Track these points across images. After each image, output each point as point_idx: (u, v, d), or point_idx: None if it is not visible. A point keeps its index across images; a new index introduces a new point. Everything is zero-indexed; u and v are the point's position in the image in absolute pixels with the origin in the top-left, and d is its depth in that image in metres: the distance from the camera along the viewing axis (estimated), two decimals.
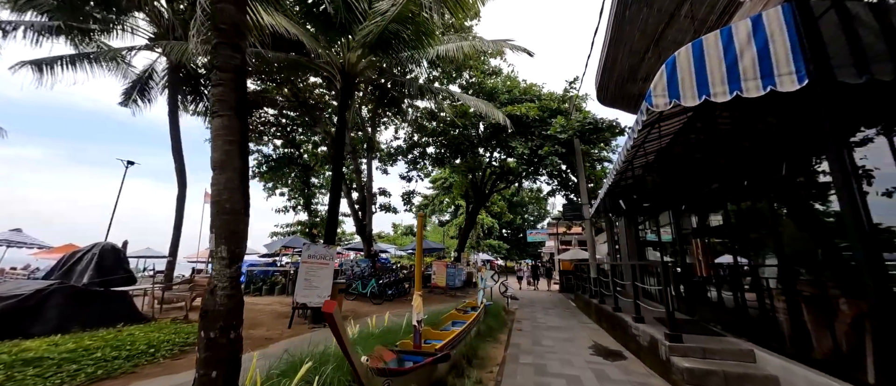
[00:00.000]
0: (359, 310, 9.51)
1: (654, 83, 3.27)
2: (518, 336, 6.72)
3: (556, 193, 16.85)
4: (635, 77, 10.88)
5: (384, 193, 18.77)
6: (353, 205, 15.83)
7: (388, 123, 19.24)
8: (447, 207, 30.75)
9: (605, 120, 12.00)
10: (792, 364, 3.37)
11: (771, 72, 2.88)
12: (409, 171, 19.52)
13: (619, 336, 6.14)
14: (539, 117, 12.31)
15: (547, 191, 16.86)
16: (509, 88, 14.35)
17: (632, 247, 10.15)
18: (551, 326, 7.79)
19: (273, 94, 16.46)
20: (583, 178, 10.79)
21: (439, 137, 16.25)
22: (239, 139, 2.98)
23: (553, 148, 10.93)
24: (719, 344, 4.17)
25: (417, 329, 3.57)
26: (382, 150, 19.80)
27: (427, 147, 18.55)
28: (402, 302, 11.39)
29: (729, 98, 2.97)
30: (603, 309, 7.48)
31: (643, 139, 5.42)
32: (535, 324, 8.17)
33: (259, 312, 8.62)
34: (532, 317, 9.21)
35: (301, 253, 7.88)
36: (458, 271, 15.25)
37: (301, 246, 16.82)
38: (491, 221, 31.33)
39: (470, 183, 18.71)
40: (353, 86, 8.57)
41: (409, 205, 19.86)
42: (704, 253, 5.35)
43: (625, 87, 11.81)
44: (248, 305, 10.03)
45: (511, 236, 41.23)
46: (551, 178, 16.09)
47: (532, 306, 11.37)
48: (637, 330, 5.23)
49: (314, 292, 7.21)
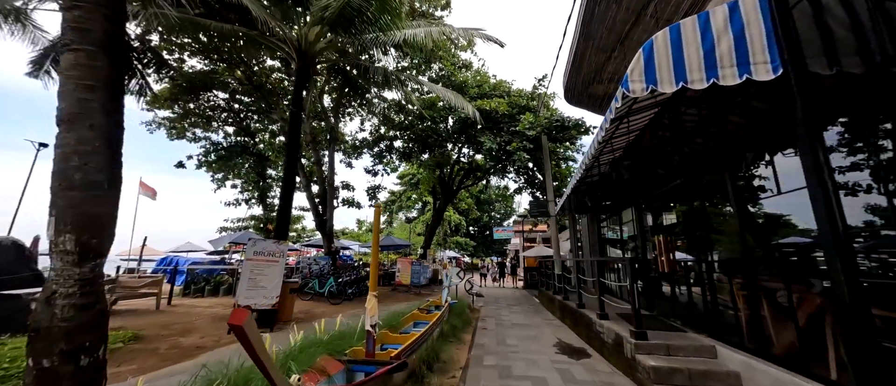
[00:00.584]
0: (314, 311, 8.81)
1: (631, 68, 3.07)
2: (483, 335, 6.46)
3: (523, 191, 17.00)
4: (601, 77, 11.06)
5: (347, 186, 17.90)
6: (314, 199, 14.87)
7: (353, 114, 18.38)
8: (414, 203, 30.22)
9: (572, 119, 12.16)
10: (753, 360, 3.35)
11: (747, 60, 2.77)
12: (375, 165, 18.78)
13: (583, 333, 6.09)
14: (508, 113, 12.20)
15: (514, 189, 16.90)
16: (479, 83, 14.15)
17: (594, 243, 10.33)
18: (516, 324, 7.65)
19: (223, 76, 15.03)
20: (549, 176, 10.83)
21: (407, 131, 15.71)
22: (105, 86, 2.19)
23: (521, 144, 10.86)
24: (682, 340, 4.14)
25: (371, 335, 3.14)
26: (347, 142, 18.85)
27: (394, 141, 17.92)
28: (364, 302, 10.80)
29: (706, 85, 2.83)
30: (567, 305, 7.45)
31: (613, 131, 5.34)
32: (499, 321, 8.00)
33: (197, 317, 7.68)
34: (497, 314, 9.05)
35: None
36: (423, 269, 14.85)
37: (270, 243, 15.61)
38: (458, 218, 31.23)
39: (437, 179, 18.36)
40: (310, 66, 7.83)
41: (374, 200, 19.10)
42: (666, 249, 5.39)
43: (591, 87, 12.00)
44: (186, 308, 8.95)
45: (478, 234, 41.53)
46: (518, 176, 16.15)
47: (497, 303, 11.27)
48: (601, 327, 5.15)
49: (260, 293, 6.47)
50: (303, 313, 8.44)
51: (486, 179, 18.12)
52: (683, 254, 5.30)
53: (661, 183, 5.81)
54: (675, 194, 5.45)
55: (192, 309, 8.39)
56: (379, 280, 16.63)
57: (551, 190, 10.84)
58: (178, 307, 8.86)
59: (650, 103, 4.80)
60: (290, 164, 7.54)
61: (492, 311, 9.64)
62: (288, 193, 7.47)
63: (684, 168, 4.96)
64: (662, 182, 5.71)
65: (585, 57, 10.07)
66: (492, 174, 15.61)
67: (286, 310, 7.35)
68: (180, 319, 7.27)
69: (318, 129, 14.77)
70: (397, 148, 18.42)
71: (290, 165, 7.51)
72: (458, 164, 17.43)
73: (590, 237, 10.76)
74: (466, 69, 14.93)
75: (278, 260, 6.94)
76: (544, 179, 13.46)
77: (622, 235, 7.82)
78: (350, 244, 22.58)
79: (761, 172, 3.71)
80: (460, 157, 17.29)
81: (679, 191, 5.28)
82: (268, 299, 6.57)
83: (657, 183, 5.96)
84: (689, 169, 4.89)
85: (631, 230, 7.31)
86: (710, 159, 4.51)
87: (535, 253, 16.90)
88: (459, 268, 9.89)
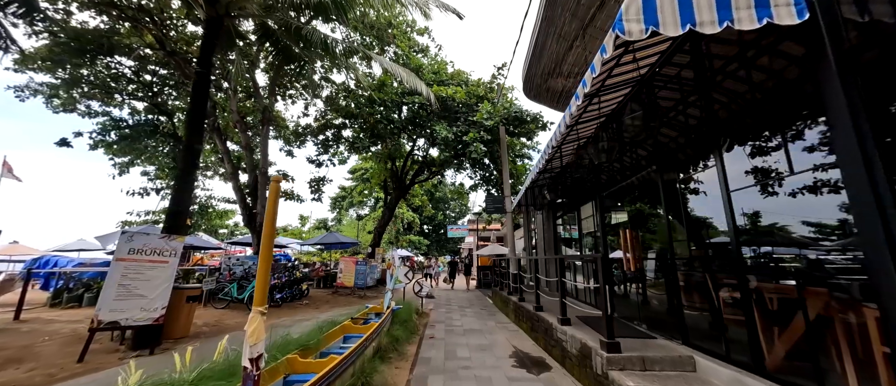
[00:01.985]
0: (225, 322, 7.22)
1: (627, 5, 2.33)
2: (430, 347, 5.54)
3: (479, 188, 16.45)
4: (561, 69, 10.73)
5: (285, 177, 15.90)
6: (242, 189, 12.84)
7: (295, 97, 16.43)
8: (365, 198, 28.49)
9: (530, 112, 11.76)
10: (744, 375, 2.82)
11: (767, 1, 2.16)
12: (320, 155, 16.99)
13: (542, 340, 5.44)
14: (465, 102, 11.46)
15: (469, 185, 16.26)
16: (436, 70, 13.25)
17: (549, 241, 9.95)
18: (468, 330, 6.84)
19: (129, 40, 12.41)
20: (506, 169, 10.28)
21: (357, 119, 14.27)
22: None
23: (478, 134, 10.16)
24: (656, 350, 3.57)
25: (248, 374, 2.03)
26: (287, 127, 16.81)
27: (343, 129, 16.31)
28: (295, 308, 9.31)
29: (718, 29, 2.17)
30: (523, 308, 6.82)
31: (586, 106, 4.70)
32: (449, 327, 7.15)
33: (53, 333, 5.77)
34: (447, 319, 8.20)
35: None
36: (370, 269, 13.57)
37: (156, 238, 13.05)
38: (411, 216, 30.09)
39: (389, 172, 17.12)
40: (224, 19, 6.25)
41: (318, 193, 17.24)
42: (632, 245, 4.90)
43: (550, 80, 11.68)
44: (42, 322, 6.77)
45: (432, 232, 40.76)
46: (474, 171, 15.55)
47: (448, 306, 10.45)
48: (563, 334, 4.50)
49: (136, 304, 4.87)
50: (209, 326, 6.84)
51: (440, 174, 17.28)
52: (651, 251, 4.85)
53: (630, 171, 5.35)
54: (645, 185, 4.99)
55: (47, 325, 6.34)
56: (320, 282, 14.97)
57: (508, 184, 10.30)
58: (33, 321, 6.71)
59: (627, 78, 4.23)
60: (193, 136, 5.93)
61: (442, 315, 8.78)
62: (187, 176, 5.86)
63: (659, 154, 4.47)
64: (632, 170, 5.24)
65: (546, 45, 9.61)
66: (447, 168, 14.81)
67: (180, 324, 5.76)
68: (20, 339, 5.33)
69: (246, 108, 12.77)
70: (346, 137, 16.84)
71: (191, 139, 5.91)
72: (411, 157, 16.37)
73: (545, 234, 10.39)
74: (423, 53, 13.94)
75: (168, 261, 5.36)
76: (501, 174, 12.98)
77: (580, 232, 7.40)
78: (288, 241, 20.34)
79: (759, 151, 3.23)
80: (414, 150, 16.25)
81: (649, 181, 4.81)
82: (148, 312, 4.99)
83: (625, 172, 5.50)
84: (664, 155, 4.40)
85: (591, 226, 6.88)
86: (691, 141, 4.03)
87: (490, 252, 16.45)
88: (409, 268, 8.86)
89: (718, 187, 3.36)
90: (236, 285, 8.75)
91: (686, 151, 4.07)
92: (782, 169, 2.83)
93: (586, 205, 7.07)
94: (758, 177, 3.07)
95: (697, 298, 3.79)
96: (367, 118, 14.11)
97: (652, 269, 4.69)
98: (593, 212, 6.56)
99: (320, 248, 22.68)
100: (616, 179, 5.79)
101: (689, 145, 4.05)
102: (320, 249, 23.27)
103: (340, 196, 41.31)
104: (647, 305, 4.78)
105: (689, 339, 3.71)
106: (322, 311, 9.28)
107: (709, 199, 3.61)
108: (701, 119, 3.80)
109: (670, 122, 4.38)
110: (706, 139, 3.61)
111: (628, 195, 5.49)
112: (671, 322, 4.08)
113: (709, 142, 3.56)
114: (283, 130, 16.89)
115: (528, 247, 14.43)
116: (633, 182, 5.15)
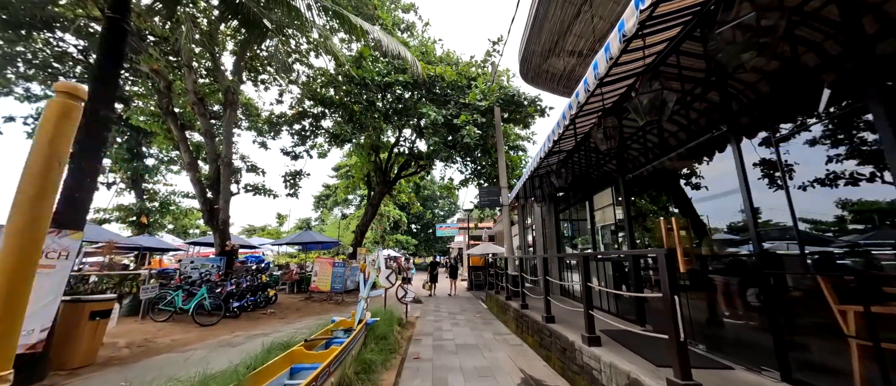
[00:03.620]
0: (156, 341, 5.76)
1: None
2: (413, 374, 4.27)
3: (470, 183, 15.22)
4: (564, 45, 9.58)
5: (254, 168, 14.36)
6: (201, 182, 11.27)
7: (268, 82, 14.90)
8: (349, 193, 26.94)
9: (527, 95, 10.61)
10: None
11: None
12: (296, 147, 15.49)
13: (557, 362, 4.24)
14: (456, 83, 10.22)
15: (459, 181, 15.03)
16: (424, 51, 11.98)
17: (552, 237, 8.80)
18: (462, 346, 5.59)
19: (73, 14, 10.77)
20: (502, 156, 9.09)
21: (337, 108, 12.83)
22: None
23: (471, 117, 8.93)
24: None
25: None
26: (259, 115, 15.25)
27: (321, 118, 14.84)
28: (255, 319, 7.89)
29: None
30: (527, 317, 5.61)
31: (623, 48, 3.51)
32: (439, 341, 5.88)
33: None
34: (436, 330, 6.94)
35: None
36: (351, 271, 12.18)
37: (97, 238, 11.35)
38: (398, 214, 28.66)
39: (373, 165, 15.74)
40: None
41: (294, 189, 15.70)
42: (681, 240, 3.73)
43: (550, 59, 10.53)
44: None
45: (420, 231, 39.46)
46: (465, 162, 14.33)
47: (438, 312, 9.18)
48: (594, 360, 3.30)
49: None
50: (134, 347, 5.39)
51: (428, 167, 15.99)
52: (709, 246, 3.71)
53: (679, 140, 4.19)
54: (702, 153, 3.84)
55: None
56: (294, 286, 13.45)
57: (504, 173, 9.10)
58: None
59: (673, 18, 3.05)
60: (99, 102, 4.48)
61: (430, 324, 7.51)
62: (90, 153, 4.41)
63: (731, 106, 3.31)
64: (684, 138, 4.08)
65: (549, 15, 8.44)
66: (436, 159, 13.52)
67: (79, 349, 4.32)
68: None
69: (205, 88, 11.22)
70: (325, 128, 15.38)
71: (97, 105, 4.45)
72: (396, 147, 15.03)
73: (546, 230, 9.24)
74: (409, 33, 12.63)
75: (55, 265, 3.93)
76: (494, 165, 11.78)
77: (593, 226, 6.24)
78: (263, 242, 18.66)
79: None
80: (400, 140, 14.91)
81: (707, 148, 3.65)
82: (29, 332, 3.55)
83: (670, 142, 4.35)
84: (743, 108, 3.25)
85: (608, 218, 5.72)
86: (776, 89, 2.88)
87: (481, 251, 15.27)
88: (391, 270, 7.53)
89: None
90: (182, 293, 7.26)
91: (784, 102, 2.92)
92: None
93: (602, 193, 5.92)
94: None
95: (802, 312, 2.63)
96: (347, 106, 12.72)
97: (719, 269, 3.53)
98: (614, 200, 5.40)
99: (299, 248, 21.07)
100: (650, 156, 4.63)
101: (789, 93, 2.90)
102: (299, 249, 21.65)
103: (324, 195, 39.54)
104: (708, 318, 3.61)
105: (790, 373, 2.55)
106: (289, 320, 7.89)
107: (820, 168, 2.45)
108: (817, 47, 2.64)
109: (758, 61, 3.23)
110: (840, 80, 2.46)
111: (667, 176, 4.34)
112: (751, 344, 2.93)
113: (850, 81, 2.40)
114: (255, 120, 15.33)
115: (524, 245, 13.28)
116: (681, 154, 3.99)
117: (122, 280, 8.00)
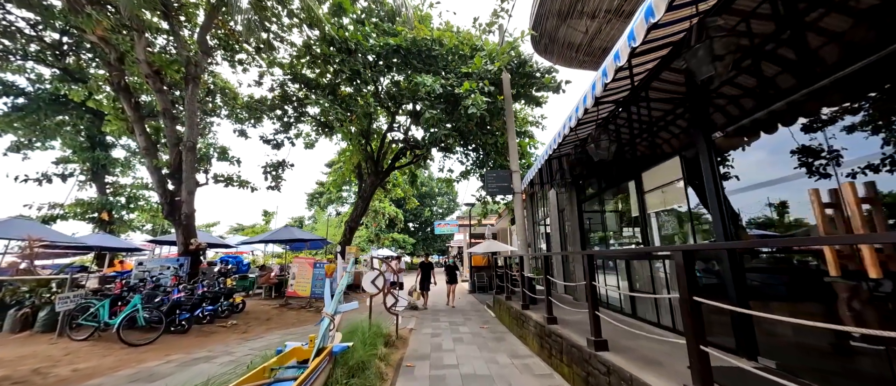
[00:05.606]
0: (48, 372, 4.16)
1: None
2: None
3: (471, 174, 13.67)
4: (585, 5, 8.06)
5: (224, 155, 12.75)
6: (159, 170, 9.68)
7: (247, 63, 13.31)
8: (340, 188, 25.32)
9: (541, 65, 9.04)
10: None
11: None
12: (277, 135, 13.91)
13: None
14: (457, 50, 8.66)
15: (460, 171, 13.48)
16: (421, 18, 10.41)
17: (575, 230, 7.26)
18: (469, 378, 4.04)
19: None
20: (513, 133, 7.53)
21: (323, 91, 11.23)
22: None
23: (478, 85, 7.36)
24: None
25: None
26: (236, 97, 13.63)
27: (305, 103, 13.25)
28: (209, 333, 6.31)
29: None
30: (559, 336, 4.06)
31: None
32: (438, 371, 4.33)
33: None
34: (434, 350, 5.39)
35: None
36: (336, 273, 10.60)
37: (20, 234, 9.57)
38: (394, 211, 27.05)
39: (364, 154, 14.19)
40: None
41: (276, 182, 14.08)
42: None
43: (568, 23, 8.98)
44: None
45: (418, 230, 37.95)
46: (466, 151, 12.80)
47: (436, 322, 7.60)
48: None
49: None
50: (10, 382, 3.81)
51: (425, 156, 14.42)
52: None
53: (820, 72, 2.65)
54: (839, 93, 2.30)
55: None
56: (271, 291, 11.86)
57: (515, 154, 7.54)
58: None
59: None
60: None
61: (426, 340, 5.94)
62: None
63: None
64: (824, 70, 2.53)
65: None
66: (434, 147, 11.95)
67: None
68: None
69: (161, 59, 9.60)
70: (312, 115, 13.81)
71: None
72: (390, 133, 13.48)
73: (565, 221, 7.69)
74: None
75: None
76: (500, 151, 10.23)
77: (644, 211, 4.70)
78: (242, 241, 16.99)
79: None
80: (394, 125, 13.35)
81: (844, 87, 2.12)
82: None
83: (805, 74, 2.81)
84: None
85: (664, 202, 4.18)
86: None
87: (485, 249, 13.72)
88: (380, 271, 5.89)
89: None
90: (108, 304, 5.66)
91: None
92: None
93: (657, 168, 4.37)
94: None
95: None
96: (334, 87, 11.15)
97: None
98: (683, 172, 3.85)
99: (288, 248, 19.45)
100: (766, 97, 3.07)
101: None
102: (288, 249, 20.02)
103: (318, 192, 37.89)
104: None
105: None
106: (250, 336, 6.32)
107: None
108: None
109: None
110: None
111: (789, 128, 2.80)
112: None
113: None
114: (233, 105, 13.71)
115: (535, 244, 11.74)
116: (825, 88, 2.44)
117: (36, 286, 6.41)
